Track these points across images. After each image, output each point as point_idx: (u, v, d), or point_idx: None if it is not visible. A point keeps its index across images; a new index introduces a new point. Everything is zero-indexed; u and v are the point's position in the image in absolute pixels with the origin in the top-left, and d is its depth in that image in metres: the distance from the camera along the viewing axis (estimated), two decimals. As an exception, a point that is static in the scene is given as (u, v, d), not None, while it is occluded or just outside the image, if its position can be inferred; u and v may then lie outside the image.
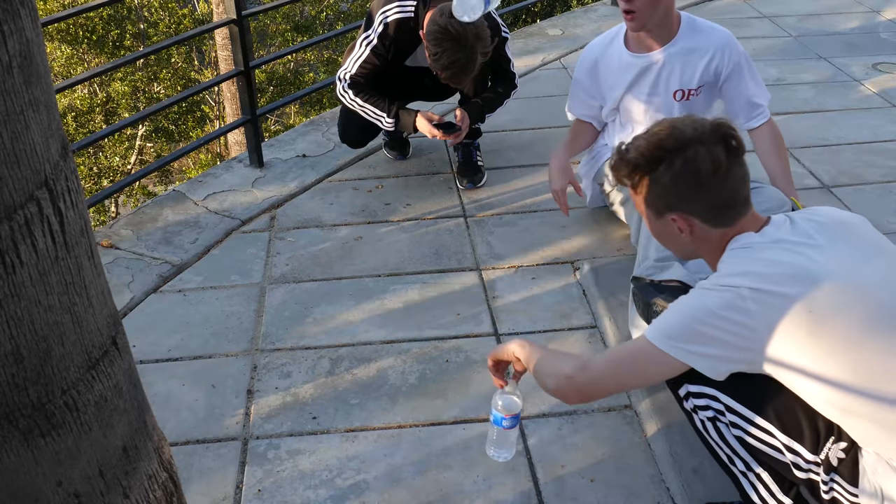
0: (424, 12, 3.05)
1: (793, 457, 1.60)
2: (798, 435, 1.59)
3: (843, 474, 1.57)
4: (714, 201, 1.63)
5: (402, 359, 2.49)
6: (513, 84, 3.37)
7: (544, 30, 5.39)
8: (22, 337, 0.97)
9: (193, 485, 2.07)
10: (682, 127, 1.64)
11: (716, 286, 1.56)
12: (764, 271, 1.53)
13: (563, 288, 2.79)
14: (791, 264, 1.53)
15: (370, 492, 2.04)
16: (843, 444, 1.57)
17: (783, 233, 1.60)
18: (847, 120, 3.97)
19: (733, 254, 1.62)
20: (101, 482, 1.13)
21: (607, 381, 1.70)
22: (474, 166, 3.47)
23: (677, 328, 1.58)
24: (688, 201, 1.64)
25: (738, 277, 1.54)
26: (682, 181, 1.62)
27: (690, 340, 1.56)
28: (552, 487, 2.04)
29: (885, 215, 3.10)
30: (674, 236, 1.71)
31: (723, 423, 1.66)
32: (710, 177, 1.60)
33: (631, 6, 2.56)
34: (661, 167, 1.63)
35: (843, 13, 5.60)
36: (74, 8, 3.72)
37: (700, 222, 1.65)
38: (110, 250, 3.05)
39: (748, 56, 2.75)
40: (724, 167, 1.60)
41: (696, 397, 1.68)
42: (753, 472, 1.68)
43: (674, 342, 1.57)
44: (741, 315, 1.51)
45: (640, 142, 1.68)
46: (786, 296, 1.49)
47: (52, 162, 0.98)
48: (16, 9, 0.90)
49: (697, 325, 1.55)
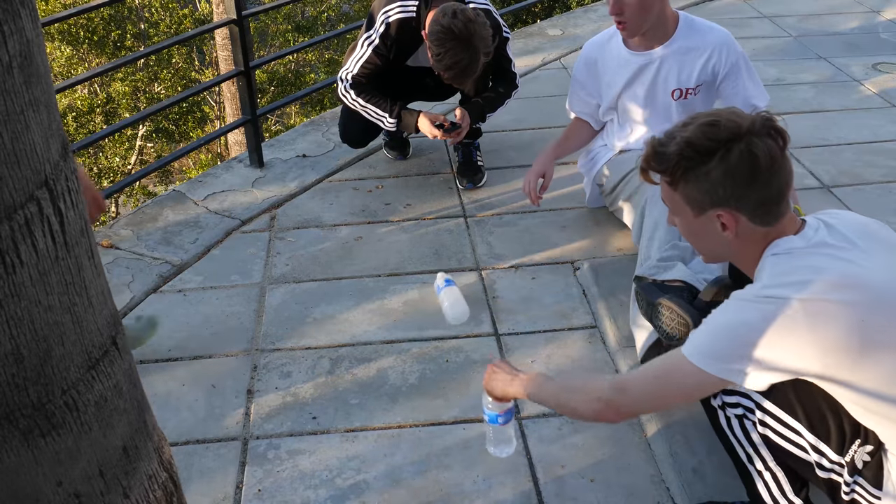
0: (426, 12, 3.05)
1: (818, 457, 1.60)
2: (825, 435, 1.58)
3: (867, 477, 1.57)
4: (764, 196, 1.55)
5: (402, 359, 2.49)
6: (514, 84, 3.37)
7: (544, 30, 5.39)
8: (22, 337, 0.97)
9: (193, 485, 2.07)
10: (734, 117, 1.56)
11: (758, 298, 1.50)
12: (810, 279, 1.47)
13: (563, 288, 2.79)
14: (837, 271, 1.48)
15: (370, 492, 2.04)
16: (868, 448, 1.57)
17: (822, 236, 1.55)
18: (847, 120, 3.97)
19: (775, 260, 1.55)
20: (101, 482, 1.13)
21: (649, 402, 1.68)
22: (474, 166, 3.47)
23: (717, 347, 1.53)
24: (739, 196, 1.55)
25: (782, 288, 1.48)
26: (737, 174, 1.53)
27: (732, 360, 1.50)
28: (552, 487, 2.04)
29: (885, 215, 3.09)
30: (713, 235, 1.62)
31: (750, 420, 1.64)
32: (766, 170, 1.52)
33: (620, 18, 2.58)
34: (714, 160, 1.54)
35: (843, 13, 5.60)
36: (75, 8, 3.72)
37: (747, 220, 1.56)
38: (110, 250, 3.05)
39: (746, 56, 2.75)
40: (779, 160, 1.54)
41: (727, 394, 1.65)
42: (770, 472, 1.67)
43: (715, 362, 1.51)
44: (786, 328, 1.45)
45: (686, 132, 1.58)
46: (835, 303, 1.45)
47: (52, 162, 0.98)
48: (16, 9, 0.90)
49: (739, 343, 1.49)
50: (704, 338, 1.55)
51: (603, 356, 2.47)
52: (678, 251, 2.41)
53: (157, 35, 12.22)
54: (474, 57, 2.92)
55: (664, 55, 2.70)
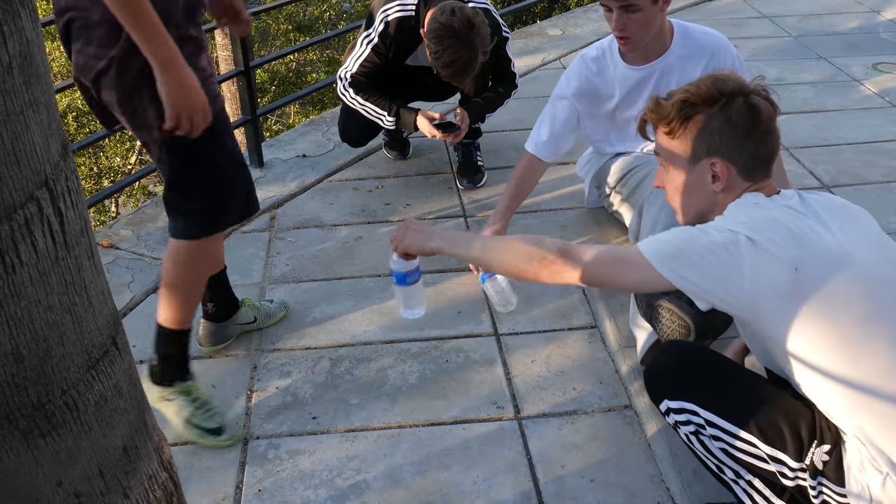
0: (425, 11, 3.05)
1: (778, 466, 1.60)
2: (781, 444, 1.59)
3: (829, 476, 1.57)
4: (758, 152, 1.65)
5: (402, 359, 2.49)
6: (513, 84, 3.37)
7: (544, 30, 5.39)
8: (22, 337, 0.97)
9: (193, 485, 2.07)
10: (736, 77, 1.68)
11: (717, 227, 1.59)
12: (764, 227, 1.55)
13: (563, 288, 2.79)
14: (791, 229, 1.55)
15: (370, 492, 2.04)
16: (826, 447, 1.57)
17: (791, 203, 1.62)
18: (847, 120, 3.97)
19: (741, 204, 1.64)
20: (101, 482, 1.13)
21: (587, 271, 1.66)
22: (474, 166, 3.47)
23: (672, 249, 1.60)
24: (734, 147, 1.64)
25: (740, 225, 1.56)
26: (737, 123, 1.63)
27: (681, 263, 1.57)
28: (552, 487, 2.04)
29: (885, 215, 3.10)
30: (703, 189, 1.70)
31: (705, 436, 1.67)
32: (764, 125, 1.63)
33: (623, 34, 2.56)
34: (717, 107, 1.64)
35: (843, 13, 5.60)
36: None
37: (737, 172, 1.66)
38: (110, 250, 3.05)
39: (741, 59, 2.76)
40: (774, 120, 1.63)
41: (676, 413, 1.69)
42: (744, 480, 1.68)
43: (665, 260, 1.59)
44: (733, 258, 1.53)
45: (693, 85, 1.67)
46: (777, 256, 1.52)
47: (52, 162, 0.98)
48: (16, 9, 0.90)
49: (691, 252, 1.57)
50: (662, 239, 1.64)
51: (603, 356, 2.47)
52: None
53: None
54: (472, 55, 2.92)
55: (663, 66, 2.69)
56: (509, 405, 2.30)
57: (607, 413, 2.27)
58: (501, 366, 2.45)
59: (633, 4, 2.47)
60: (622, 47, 2.66)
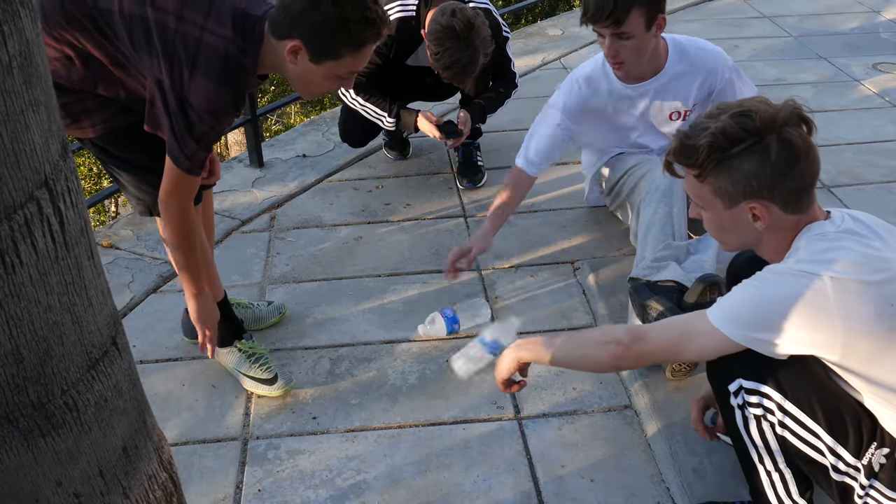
0: (426, 11, 3.05)
1: (834, 459, 1.60)
2: (843, 438, 1.58)
3: (883, 480, 1.57)
4: (798, 186, 1.55)
5: (402, 359, 2.49)
6: (513, 84, 3.37)
7: (544, 30, 5.39)
8: (22, 337, 0.97)
9: (193, 485, 2.07)
10: (767, 107, 1.54)
11: (792, 271, 1.52)
12: (843, 258, 1.50)
13: (563, 288, 2.79)
14: (867, 254, 1.51)
15: (370, 492, 2.04)
16: (885, 450, 1.57)
17: (849, 224, 1.57)
18: (847, 120, 3.97)
19: (811, 238, 1.56)
20: (101, 482, 1.13)
21: (664, 351, 1.70)
22: (474, 166, 3.47)
23: (743, 315, 1.55)
24: (772, 187, 1.54)
25: (817, 265, 1.50)
26: (773, 165, 1.52)
27: (756, 328, 1.53)
28: (552, 487, 2.04)
29: (885, 215, 3.05)
30: (743, 227, 1.61)
31: (769, 421, 1.63)
32: (802, 159, 1.53)
33: (616, 59, 2.52)
34: (744, 150, 1.53)
35: (844, 13, 5.60)
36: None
37: (779, 209, 1.57)
38: (110, 250, 3.05)
39: (737, 68, 2.73)
40: (812, 148, 1.55)
41: (749, 393, 1.64)
42: (779, 472, 1.67)
43: (738, 328, 1.54)
44: (816, 302, 1.48)
45: (720, 123, 1.54)
46: (867, 283, 1.48)
47: (52, 162, 0.98)
48: (16, 9, 0.90)
49: (767, 313, 1.52)
50: (732, 304, 1.57)
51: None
52: (672, 251, 2.41)
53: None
54: (473, 56, 2.92)
55: (658, 86, 2.66)
56: (509, 405, 2.30)
57: (607, 413, 2.27)
58: (501, 366, 2.44)
59: (626, 32, 2.42)
60: (616, 71, 2.62)
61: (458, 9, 2.90)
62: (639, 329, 1.71)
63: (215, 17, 1.85)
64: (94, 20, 1.89)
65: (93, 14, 1.89)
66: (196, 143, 1.88)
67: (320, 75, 1.89)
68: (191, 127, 1.86)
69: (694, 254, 2.43)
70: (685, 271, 2.35)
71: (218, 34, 1.84)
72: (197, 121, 1.86)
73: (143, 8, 1.87)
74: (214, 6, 1.86)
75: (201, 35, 1.83)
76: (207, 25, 1.84)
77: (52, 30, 1.91)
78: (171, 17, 1.85)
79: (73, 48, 1.93)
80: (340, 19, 1.79)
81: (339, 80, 1.93)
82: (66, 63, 1.95)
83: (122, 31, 1.88)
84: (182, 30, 1.83)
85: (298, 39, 1.82)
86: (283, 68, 1.89)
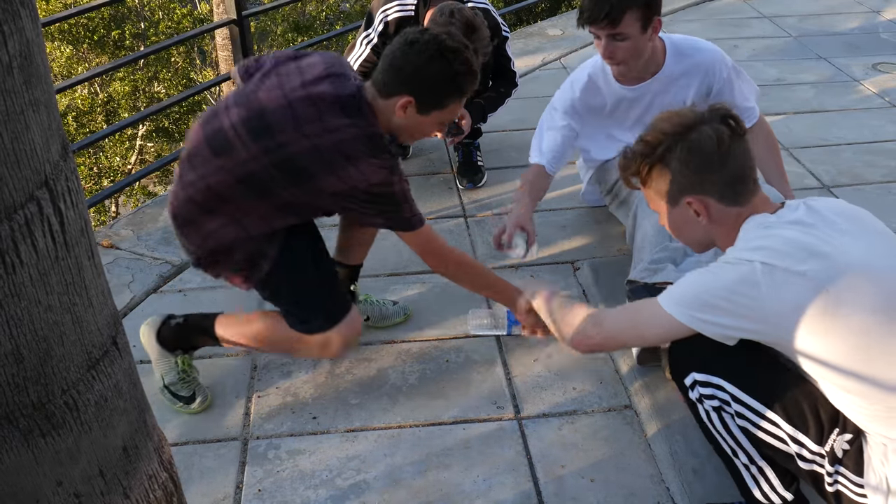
0: (425, 11, 3.05)
1: (797, 448, 1.61)
2: (803, 426, 1.60)
3: (848, 466, 1.58)
4: (725, 178, 1.66)
5: (402, 359, 2.49)
6: (513, 83, 3.37)
7: (544, 30, 5.40)
8: (22, 337, 0.97)
9: (193, 485, 2.07)
10: (681, 112, 1.71)
11: (731, 259, 1.60)
12: (779, 248, 1.56)
13: (564, 288, 2.79)
14: (806, 244, 1.55)
15: (370, 492, 2.04)
16: (847, 436, 1.58)
17: (798, 215, 1.62)
18: (847, 120, 3.97)
19: (748, 229, 1.65)
20: (101, 482, 1.13)
21: (619, 337, 1.82)
22: (474, 166, 3.48)
23: (689, 297, 1.63)
24: (700, 182, 1.67)
25: (752, 252, 1.57)
26: (691, 161, 1.66)
27: (700, 309, 1.60)
28: (552, 487, 2.04)
29: (885, 215, 3.07)
30: (691, 223, 1.73)
31: (728, 413, 1.67)
32: (717, 152, 1.64)
33: (613, 61, 2.55)
34: (668, 153, 1.67)
35: (844, 13, 5.60)
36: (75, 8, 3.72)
37: (715, 202, 1.68)
38: (110, 250, 3.05)
39: (735, 66, 2.73)
40: (727, 142, 1.64)
41: (703, 386, 1.69)
42: (756, 466, 1.69)
43: (684, 309, 1.62)
44: (751, 289, 1.54)
45: (642, 136, 1.73)
46: (799, 273, 1.52)
47: (52, 162, 0.98)
48: (16, 9, 0.90)
49: (708, 296, 1.60)
50: (677, 287, 1.67)
51: (603, 356, 2.47)
52: (668, 253, 2.41)
53: (156, 35, 12.21)
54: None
55: (657, 87, 2.67)
56: (509, 405, 2.30)
57: (607, 413, 2.27)
58: (501, 366, 2.45)
59: (621, 33, 2.45)
60: (614, 70, 2.64)
61: (457, 9, 2.90)
62: (599, 315, 1.84)
63: (328, 117, 1.97)
64: (246, 186, 2.01)
65: (243, 182, 2.01)
66: (405, 203, 2.05)
67: (427, 124, 2.09)
68: (391, 198, 2.02)
69: (690, 255, 2.43)
70: (682, 272, 2.35)
71: (342, 127, 1.96)
72: (390, 192, 2.01)
73: (275, 151, 1.97)
74: (320, 109, 1.98)
75: (333, 136, 1.96)
76: (329, 126, 1.96)
77: (218, 210, 2.05)
78: (300, 140, 1.96)
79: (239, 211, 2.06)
80: (450, 75, 1.99)
81: (440, 126, 2.13)
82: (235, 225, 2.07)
83: (268, 180, 2.00)
84: (316, 143, 1.95)
85: (409, 95, 2.00)
86: (390, 123, 2.05)
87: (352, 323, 2.16)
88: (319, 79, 2.03)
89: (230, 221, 2.06)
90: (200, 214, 2.06)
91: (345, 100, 2.00)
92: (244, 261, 2.12)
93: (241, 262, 2.12)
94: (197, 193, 2.04)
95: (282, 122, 1.97)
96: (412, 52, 1.98)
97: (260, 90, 2.04)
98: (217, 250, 2.10)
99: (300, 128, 1.96)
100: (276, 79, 2.07)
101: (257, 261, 2.12)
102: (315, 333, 2.14)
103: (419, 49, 1.98)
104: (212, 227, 2.06)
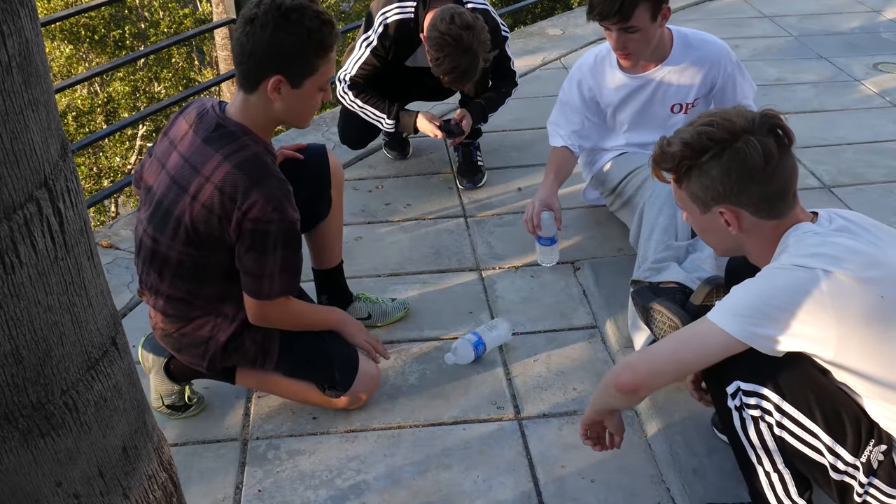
0: (424, 13, 3.05)
1: (833, 458, 1.60)
2: (841, 437, 1.59)
3: (881, 477, 1.58)
4: (765, 193, 1.62)
5: (402, 359, 2.49)
6: (513, 83, 3.37)
7: (544, 30, 5.39)
8: (21, 337, 0.97)
9: (193, 485, 2.07)
10: (731, 117, 1.62)
11: (786, 267, 1.56)
12: (838, 255, 1.53)
13: (564, 288, 2.79)
14: (862, 251, 1.54)
15: (370, 492, 2.04)
16: (883, 447, 1.58)
17: (840, 223, 1.61)
18: (847, 120, 3.97)
19: (801, 236, 1.61)
20: (100, 482, 1.13)
21: (669, 365, 1.68)
22: (474, 166, 3.47)
23: (742, 307, 1.58)
24: (738, 193, 1.62)
25: (811, 259, 1.54)
26: (732, 172, 1.60)
27: (755, 321, 1.55)
28: (552, 487, 2.04)
29: (885, 215, 3.09)
30: (719, 230, 1.70)
31: (767, 422, 1.64)
32: (762, 168, 1.59)
33: (624, 52, 2.58)
34: (710, 158, 1.62)
35: (844, 13, 5.60)
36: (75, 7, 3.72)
37: (749, 214, 1.64)
38: (110, 250, 3.05)
39: (739, 63, 2.75)
40: (776, 158, 1.59)
41: (747, 395, 1.65)
42: (778, 473, 1.67)
43: (739, 323, 1.56)
44: (813, 296, 1.51)
45: (686, 133, 1.65)
46: (862, 280, 1.51)
47: (51, 162, 0.98)
48: (15, 9, 0.90)
49: (766, 306, 1.55)
50: (731, 300, 1.61)
51: (604, 356, 2.47)
52: (672, 252, 2.41)
53: (156, 35, 12.21)
54: (473, 61, 2.92)
55: (662, 75, 2.69)
56: (509, 405, 2.30)
57: (607, 413, 2.27)
58: (502, 366, 2.44)
59: (633, 26, 2.48)
60: (622, 60, 2.67)
61: (457, 13, 2.89)
62: (642, 350, 1.76)
63: (202, 165, 1.94)
64: (183, 278, 2.04)
65: (178, 277, 2.04)
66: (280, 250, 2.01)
67: (307, 96, 1.98)
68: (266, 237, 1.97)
69: (693, 252, 2.43)
70: (685, 271, 2.35)
71: (223, 164, 1.93)
72: (266, 230, 1.96)
73: (179, 228, 1.97)
74: (193, 163, 1.96)
75: (211, 182, 1.93)
76: (206, 173, 1.94)
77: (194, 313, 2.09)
78: (192, 204, 1.94)
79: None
80: (304, 35, 1.88)
81: (321, 93, 2.01)
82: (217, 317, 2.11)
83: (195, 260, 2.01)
84: (203, 199, 1.93)
85: (274, 75, 1.91)
86: (271, 114, 1.99)
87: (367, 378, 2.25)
88: (185, 134, 2.01)
89: (211, 316, 2.09)
90: (187, 324, 2.10)
91: (212, 133, 1.97)
92: (256, 349, 2.14)
93: (253, 351, 2.15)
94: (166, 308, 2.09)
95: (174, 199, 1.96)
96: (255, 29, 1.88)
97: (151, 180, 2.06)
98: (226, 346, 2.12)
99: (187, 191, 1.94)
100: (156, 162, 2.07)
101: (267, 345, 2.14)
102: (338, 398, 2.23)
103: (261, 23, 1.87)
104: (204, 333, 2.10)
